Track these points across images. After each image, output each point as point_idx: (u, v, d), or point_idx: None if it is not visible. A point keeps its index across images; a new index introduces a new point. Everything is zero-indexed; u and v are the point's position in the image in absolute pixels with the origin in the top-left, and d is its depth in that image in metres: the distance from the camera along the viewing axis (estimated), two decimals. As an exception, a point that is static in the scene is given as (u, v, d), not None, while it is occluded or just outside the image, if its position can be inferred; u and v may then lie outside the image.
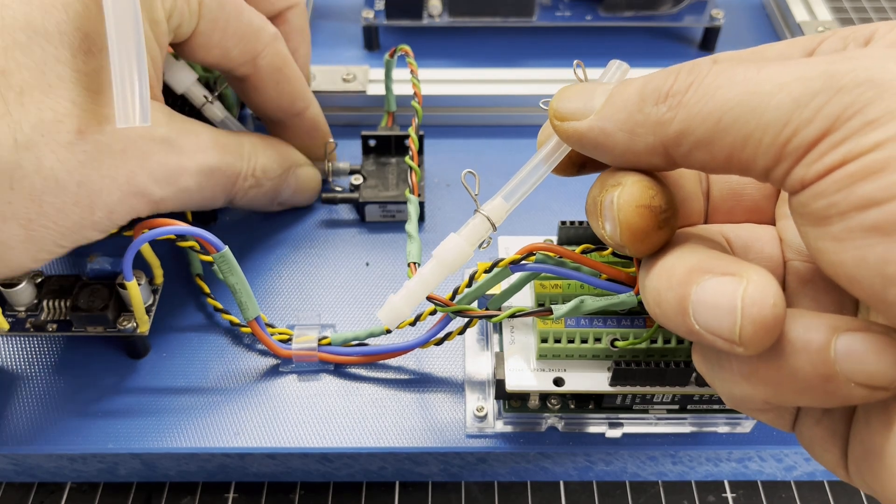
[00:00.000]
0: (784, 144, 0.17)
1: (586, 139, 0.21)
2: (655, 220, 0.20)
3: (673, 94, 0.19)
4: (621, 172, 0.21)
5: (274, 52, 0.32)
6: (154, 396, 0.30)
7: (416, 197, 0.32)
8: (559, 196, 0.38)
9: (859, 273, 0.16)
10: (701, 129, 0.18)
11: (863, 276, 0.16)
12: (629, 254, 0.21)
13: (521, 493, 0.31)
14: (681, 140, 0.19)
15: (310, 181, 0.36)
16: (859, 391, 0.17)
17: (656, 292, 0.20)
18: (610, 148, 0.21)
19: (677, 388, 0.28)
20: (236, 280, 0.29)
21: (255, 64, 0.32)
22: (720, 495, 0.31)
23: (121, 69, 0.25)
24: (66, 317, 0.31)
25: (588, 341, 0.28)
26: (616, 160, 0.21)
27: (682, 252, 0.20)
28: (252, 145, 0.32)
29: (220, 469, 0.30)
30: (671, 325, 0.19)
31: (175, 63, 0.33)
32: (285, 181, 0.34)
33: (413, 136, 0.33)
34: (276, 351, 0.31)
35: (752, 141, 0.17)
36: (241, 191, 0.32)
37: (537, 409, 0.29)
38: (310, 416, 0.30)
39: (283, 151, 0.34)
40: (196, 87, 0.33)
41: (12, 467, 0.30)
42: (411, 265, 0.30)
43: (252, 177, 0.32)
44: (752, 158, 0.18)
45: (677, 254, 0.20)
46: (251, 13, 0.31)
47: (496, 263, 0.28)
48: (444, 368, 0.32)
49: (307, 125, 0.34)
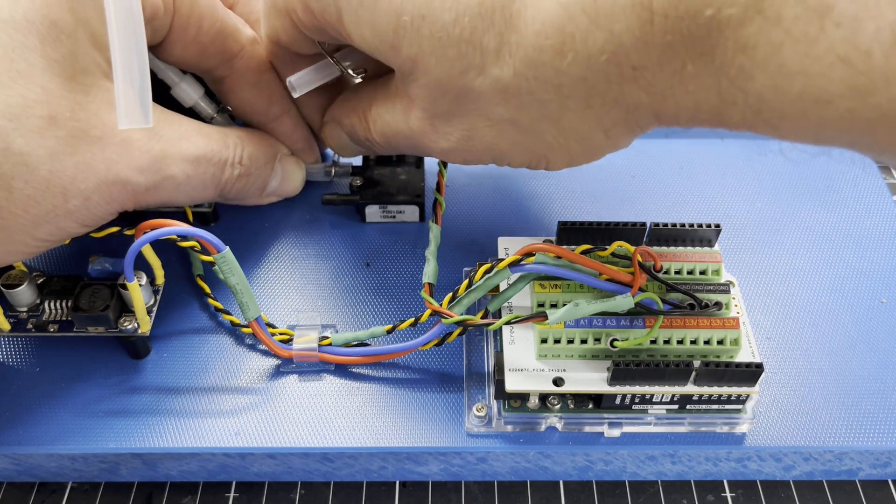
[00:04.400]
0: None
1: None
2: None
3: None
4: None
5: (251, 55, 0.32)
6: (155, 396, 0.31)
7: (438, 226, 0.32)
8: (559, 196, 0.38)
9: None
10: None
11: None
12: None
13: (521, 492, 0.31)
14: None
15: (296, 170, 0.36)
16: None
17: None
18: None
19: (676, 387, 0.28)
20: (237, 281, 0.29)
21: (231, 65, 0.32)
22: (719, 495, 0.31)
23: (122, 71, 0.25)
24: (68, 317, 0.31)
25: (587, 341, 0.28)
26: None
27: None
28: (236, 135, 0.32)
29: (220, 469, 0.30)
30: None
31: (183, 77, 0.33)
32: (272, 170, 0.34)
33: (442, 171, 0.33)
34: (276, 351, 0.31)
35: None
36: (231, 180, 0.31)
37: (537, 409, 0.29)
38: (310, 416, 0.30)
39: (267, 140, 0.34)
40: (204, 101, 0.34)
41: (13, 467, 0.30)
42: (426, 285, 0.31)
43: (239, 164, 0.31)
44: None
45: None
46: (227, 13, 0.31)
47: (496, 264, 0.29)
48: (444, 368, 0.32)
49: (286, 129, 0.35)
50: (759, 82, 0.19)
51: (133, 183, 0.27)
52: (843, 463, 0.30)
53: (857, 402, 0.30)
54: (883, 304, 0.34)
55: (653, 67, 0.21)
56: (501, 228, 0.37)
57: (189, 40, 0.30)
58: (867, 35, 0.17)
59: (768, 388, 0.31)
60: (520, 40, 0.22)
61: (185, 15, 0.29)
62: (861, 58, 0.17)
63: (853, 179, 0.39)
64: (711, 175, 0.39)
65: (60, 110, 0.25)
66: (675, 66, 0.21)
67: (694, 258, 0.30)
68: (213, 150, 0.30)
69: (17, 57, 0.25)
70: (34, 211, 0.25)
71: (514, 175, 0.39)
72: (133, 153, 0.27)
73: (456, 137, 0.27)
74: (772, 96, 0.19)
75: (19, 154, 0.24)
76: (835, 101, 0.18)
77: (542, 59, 0.22)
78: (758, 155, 0.40)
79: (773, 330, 0.33)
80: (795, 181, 0.39)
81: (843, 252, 0.36)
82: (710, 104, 0.21)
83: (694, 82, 0.21)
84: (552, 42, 0.22)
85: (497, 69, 0.23)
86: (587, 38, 0.21)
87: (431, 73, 0.25)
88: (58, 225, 0.26)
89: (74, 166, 0.26)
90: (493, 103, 0.24)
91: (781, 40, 0.18)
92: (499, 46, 0.23)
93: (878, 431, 0.30)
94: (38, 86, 0.25)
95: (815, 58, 0.18)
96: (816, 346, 0.32)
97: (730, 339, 0.28)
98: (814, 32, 0.18)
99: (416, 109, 0.27)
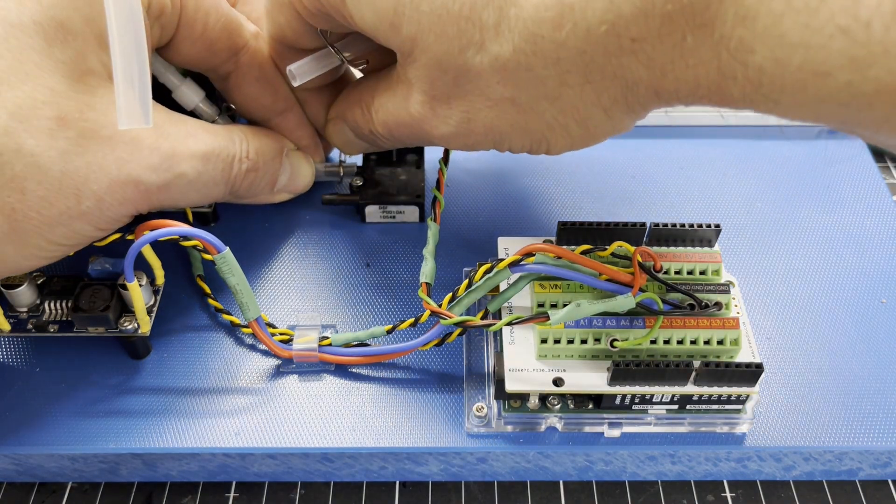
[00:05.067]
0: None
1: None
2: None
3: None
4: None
5: (255, 50, 0.32)
6: (155, 397, 0.31)
7: (436, 224, 0.32)
8: (559, 196, 0.38)
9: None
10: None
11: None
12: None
13: (521, 492, 0.31)
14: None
15: (305, 165, 0.36)
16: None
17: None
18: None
19: (676, 387, 0.28)
20: (237, 281, 0.29)
21: (237, 60, 0.32)
22: (719, 495, 0.31)
23: (123, 71, 0.25)
24: (68, 317, 0.31)
25: (587, 341, 0.28)
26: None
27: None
28: (241, 131, 0.32)
29: (220, 469, 0.30)
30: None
31: (183, 80, 0.33)
32: (281, 164, 0.34)
33: (442, 168, 0.33)
34: (276, 351, 0.31)
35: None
36: (240, 175, 0.31)
37: (537, 409, 0.29)
38: (310, 417, 0.30)
39: (272, 135, 0.34)
40: (205, 104, 0.34)
41: (13, 467, 0.30)
42: (423, 284, 0.30)
43: (248, 159, 0.31)
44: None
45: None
46: (230, 8, 0.31)
47: (496, 264, 0.29)
48: (444, 368, 0.32)
49: (291, 125, 0.35)
50: (759, 55, 0.19)
51: (145, 182, 0.27)
52: (843, 463, 0.30)
53: (857, 402, 0.30)
54: (883, 304, 0.34)
55: (652, 39, 0.21)
56: (501, 228, 0.37)
57: (196, 36, 0.30)
58: (868, 6, 0.17)
59: (768, 388, 0.31)
60: (519, 13, 0.22)
61: (191, 10, 0.29)
62: (861, 29, 0.17)
63: (853, 179, 0.39)
64: (711, 175, 0.39)
65: (69, 111, 0.25)
66: (675, 39, 0.21)
67: (694, 258, 0.30)
68: (220, 146, 0.30)
69: (24, 59, 0.25)
70: (47, 213, 0.25)
71: (515, 175, 0.39)
72: (143, 152, 0.27)
73: (455, 120, 0.27)
74: (772, 69, 0.19)
75: (31, 154, 0.25)
76: (834, 72, 0.18)
77: (541, 33, 0.22)
78: (758, 155, 0.40)
79: (773, 330, 0.33)
80: (795, 181, 0.39)
81: (843, 252, 0.36)
82: (710, 79, 0.21)
83: (694, 56, 0.21)
84: (551, 14, 0.22)
85: (496, 45, 0.23)
86: (586, 8, 0.21)
87: (431, 51, 0.25)
88: (72, 227, 0.26)
89: (86, 166, 0.26)
90: (492, 82, 0.24)
91: (782, 11, 0.18)
92: (498, 21, 0.23)
93: (878, 431, 0.30)
94: (46, 87, 0.25)
95: (815, 29, 0.18)
96: (816, 346, 0.32)
97: (730, 339, 0.28)
98: (815, 3, 0.18)
99: (416, 93, 0.27)
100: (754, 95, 0.20)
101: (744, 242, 0.36)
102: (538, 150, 0.27)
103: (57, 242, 0.27)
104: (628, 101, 0.24)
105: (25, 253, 0.26)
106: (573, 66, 0.23)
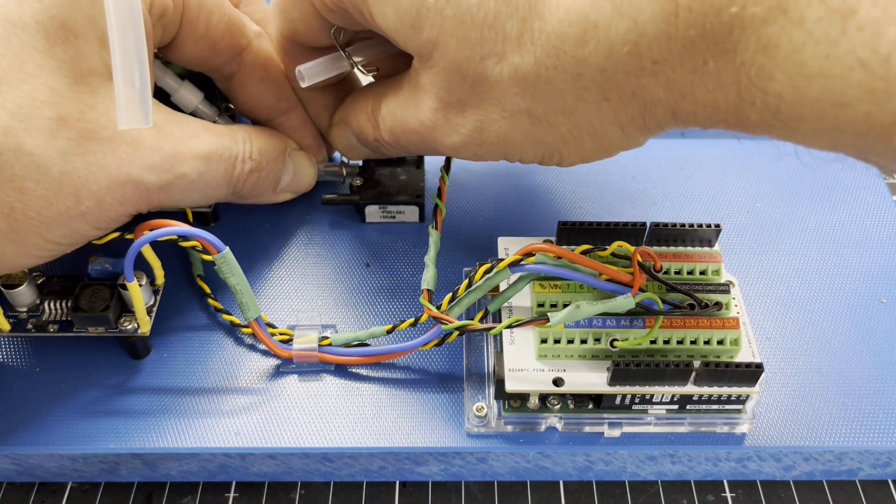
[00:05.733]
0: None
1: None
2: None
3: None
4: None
5: (258, 49, 0.32)
6: (155, 397, 0.31)
7: (437, 232, 0.32)
8: (559, 196, 0.38)
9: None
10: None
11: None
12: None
13: (521, 492, 0.31)
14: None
15: (307, 164, 0.36)
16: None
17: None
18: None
19: (676, 387, 0.28)
20: (237, 281, 0.29)
21: (240, 60, 0.32)
22: (719, 495, 0.31)
23: (123, 71, 0.25)
24: (68, 317, 0.31)
25: (587, 341, 0.28)
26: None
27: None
28: (244, 131, 0.32)
29: (220, 469, 0.30)
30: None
31: (182, 83, 0.33)
32: (284, 164, 0.34)
33: (444, 176, 0.33)
34: (276, 351, 0.31)
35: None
36: (243, 175, 0.31)
37: (537, 409, 0.29)
38: (310, 417, 0.30)
39: (275, 134, 0.34)
40: (204, 105, 0.34)
41: (13, 467, 0.30)
42: (425, 291, 0.30)
43: (250, 159, 0.31)
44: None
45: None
46: (232, 8, 0.31)
47: (495, 264, 0.29)
48: (444, 368, 0.32)
49: (294, 125, 0.35)
50: (778, 82, 0.19)
51: (145, 182, 0.27)
52: (843, 463, 0.30)
53: (857, 402, 0.30)
54: (883, 304, 0.34)
55: (673, 62, 0.21)
56: (501, 228, 0.37)
57: (199, 35, 0.30)
58: (888, 40, 0.17)
59: (768, 388, 0.31)
60: (543, 27, 0.22)
61: (193, 10, 0.29)
62: (880, 63, 0.17)
63: (853, 180, 0.39)
64: (711, 175, 0.39)
65: (69, 111, 0.25)
66: (696, 63, 0.21)
67: (694, 258, 0.30)
68: (223, 146, 0.30)
69: (25, 58, 0.25)
70: (47, 212, 0.25)
71: (515, 175, 0.39)
72: (144, 152, 0.27)
73: (468, 129, 0.26)
74: (791, 97, 0.19)
75: (31, 154, 0.25)
76: (853, 103, 0.18)
77: (564, 48, 0.22)
78: (758, 155, 0.40)
79: (773, 330, 0.33)
80: (796, 181, 0.39)
81: (843, 252, 0.36)
82: (728, 103, 0.21)
83: (714, 80, 0.21)
84: (575, 30, 0.22)
85: (518, 57, 0.23)
86: (610, 27, 0.21)
87: (450, 56, 0.25)
88: (71, 227, 0.26)
89: (86, 167, 0.26)
90: (509, 93, 0.24)
91: (803, 41, 0.18)
92: (521, 33, 0.23)
93: (878, 431, 0.30)
94: (46, 87, 0.25)
95: (835, 60, 0.18)
96: (816, 347, 0.32)
97: (730, 339, 0.28)
98: (835, 35, 0.18)
99: (429, 100, 0.27)
100: (772, 121, 0.20)
101: (744, 242, 0.36)
102: (549, 162, 0.27)
103: (55, 242, 0.27)
104: (645, 121, 0.24)
105: (23, 252, 0.26)
106: (592, 83, 0.23)
